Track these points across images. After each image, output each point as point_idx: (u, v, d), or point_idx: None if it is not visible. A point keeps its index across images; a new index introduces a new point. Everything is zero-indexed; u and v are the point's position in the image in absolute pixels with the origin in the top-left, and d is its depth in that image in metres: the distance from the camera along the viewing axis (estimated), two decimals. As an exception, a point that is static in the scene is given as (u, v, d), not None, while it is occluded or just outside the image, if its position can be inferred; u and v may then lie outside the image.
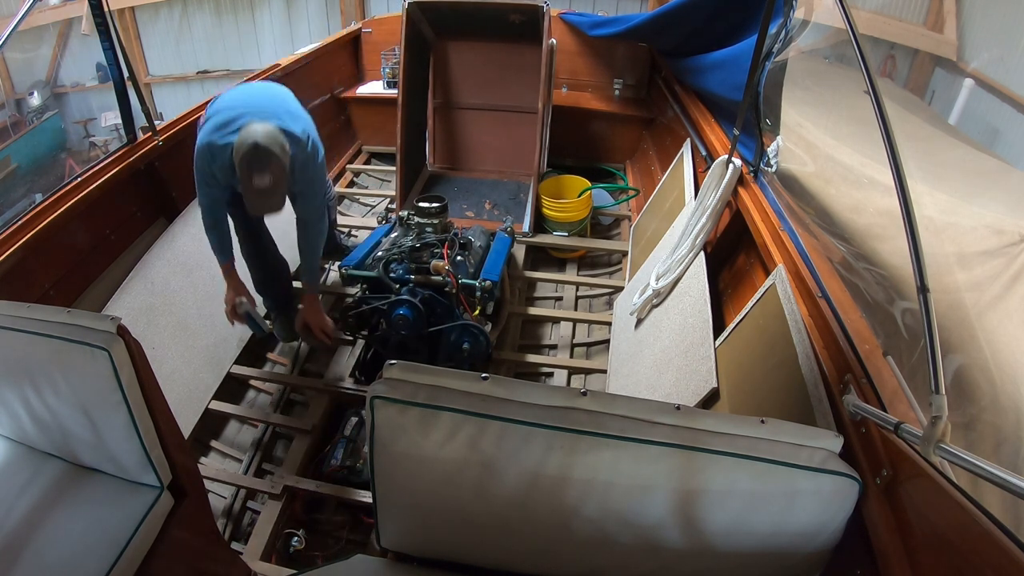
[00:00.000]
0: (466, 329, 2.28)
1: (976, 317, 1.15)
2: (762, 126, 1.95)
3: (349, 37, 4.13)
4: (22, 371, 1.36)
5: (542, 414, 1.02)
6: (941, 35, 2.37)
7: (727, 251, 2.18)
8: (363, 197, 3.83)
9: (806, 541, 1.03)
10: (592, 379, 2.50)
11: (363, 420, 2.21)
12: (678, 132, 3.05)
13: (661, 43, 3.37)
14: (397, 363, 1.09)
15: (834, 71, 1.93)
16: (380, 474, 1.13)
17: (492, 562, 1.24)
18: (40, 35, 6.49)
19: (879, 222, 1.43)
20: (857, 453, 1.09)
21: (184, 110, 2.75)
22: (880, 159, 1.09)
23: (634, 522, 1.04)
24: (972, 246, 1.20)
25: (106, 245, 2.37)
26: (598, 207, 3.46)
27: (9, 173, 5.84)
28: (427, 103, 3.67)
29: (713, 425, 1.01)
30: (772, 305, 1.56)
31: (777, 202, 1.82)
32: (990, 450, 1.07)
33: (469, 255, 2.49)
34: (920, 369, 1.09)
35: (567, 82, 3.90)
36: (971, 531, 0.82)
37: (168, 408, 1.44)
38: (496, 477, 1.04)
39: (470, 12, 3.30)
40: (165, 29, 6.80)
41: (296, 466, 2.09)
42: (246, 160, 1.73)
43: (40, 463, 1.50)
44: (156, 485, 1.44)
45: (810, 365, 1.32)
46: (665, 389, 1.82)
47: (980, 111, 2.07)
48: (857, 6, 1.27)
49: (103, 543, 1.32)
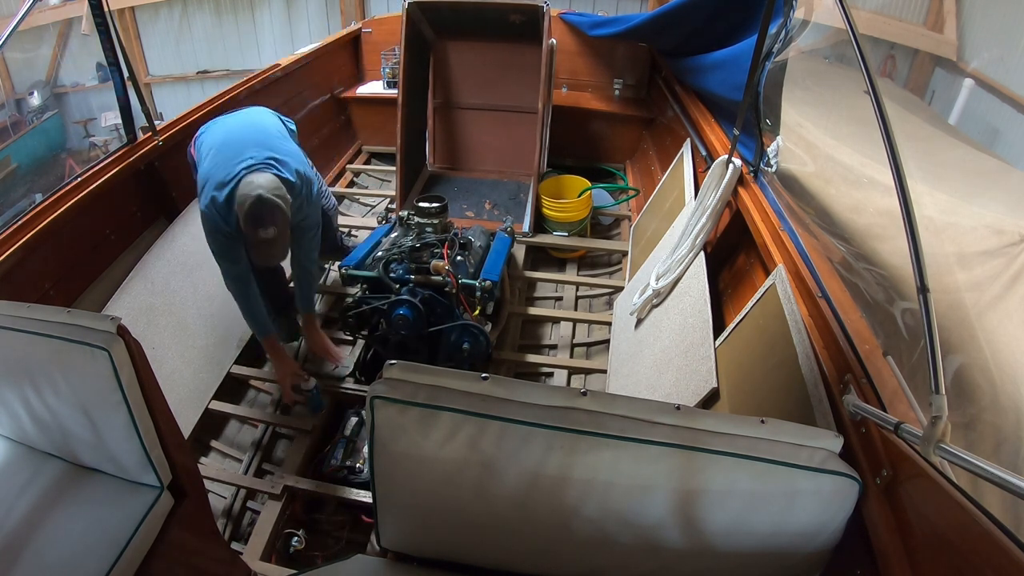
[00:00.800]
0: (466, 329, 2.28)
1: (976, 317, 1.15)
2: (762, 126, 1.95)
3: (349, 37, 4.13)
4: (22, 371, 1.36)
5: (542, 414, 1.02)
6: (941, 35, 2.37)
7: (727, 251, 2.18)
8: (363, 197, 3.83)
9: (806, 541, 1.03)
10: (592, 379, 2.50)
11: (363, 420, 2.21)
12: (678, 132, 3.05)
13: (661, 43, 3.37)
14: (397, 363, 1.09)
15: (834, 71, 1.92)
16: (380, 474, 1.13)
17: (492, 562, 1.24)
18: (40, 35, 6.48)
19: (879, 222, 1.43)
20: (857, 453, 1.09)
21: (184, 110, 2.75)
22: (880, 159, 1.09)
23: (634, 522, 1.04)
24: (972, 246, 1.20)
25: (106, 245, 2.37)
26: (598, 207, 3.46)
27: (9, 173, 5.84)
28: (427, 103, 3.67)
29: (713, 425, 1.01)
30: (772, 305, 1.56)
31: (777, 202, 1.82)
32: (990, 450, 1.07)
33: (469, 255, 2.49)
34: (920, 369, 1.09)
35: (567, 82, 3.90)
36: (971, 531, 0.82)
37: (168, 408, 1.44)
38: (496, 477, 1.04)
39: (470, 12, 3.30)
40: (165, 29, 6.80)
41: (296, 466, 2.09)
42: (250, 216, 1.78)
43: (40, 463, 1.50)
44: (156, 485, 1.44)
45: (810, 365, 1.32)
46: (665, 389, 1.82)
47: (980, 111, 2.07)
48: (857, 6, 1.27)
49: (103, 543, 1.32)
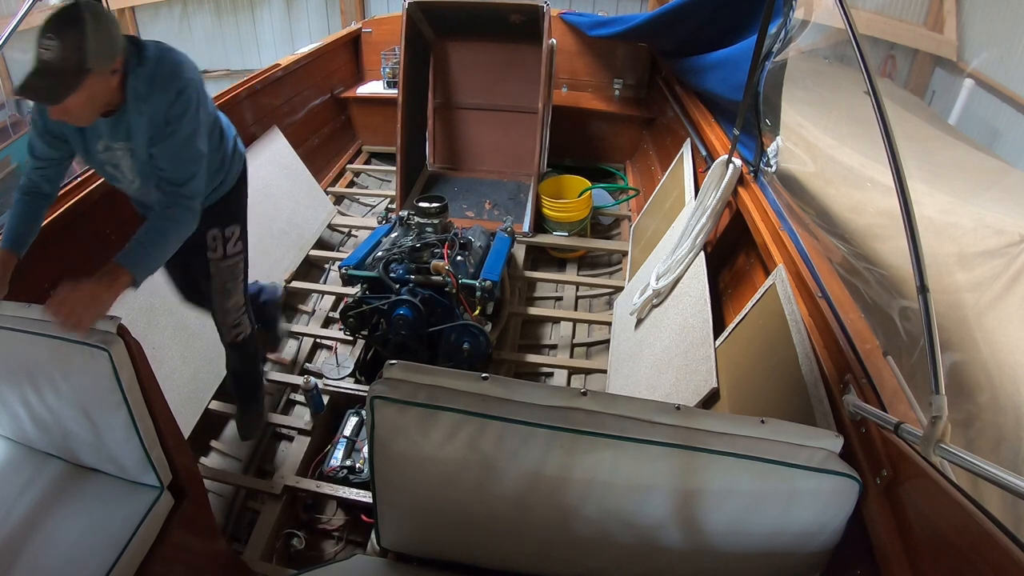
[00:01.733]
0: (466, 329, 2.28)
1: (976, 317, 1.15)
2: (762, 126, 1.95)
3: (349, 37, 4.13)
4: (22, 371, 1.36)
5: (542, 414, 1.02)
6: (941, 35, 2.37)
7: (727, 251, 2.18)
8: (363, 197, 3.83)
9: (806, 541, 1.03)
10: (592, 379, 2.50)
11: (363, 420, 2.21)
12: (678, 132, 3.05)
13: (661, 43, 3.37)
14: (397, 363, 1.09)
15: (834, 71, 1.93)
16: (380, 474, 1.13)
17: (492, 562, 1.24)
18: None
19: (879, 222, 1.44)
20: (857, 453, 1.09)
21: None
22: (880, 159, 1.09)
23: (634, 522, 1.04)
24: (972, 246, 1.20)
25: (106, 245, 2.36)
26: (598, 207, 3.46)
27: (9, 173, 5.84)
28: (427, 103, 3.67)
29: (713, 425, 1.01)
30: (772, 305, 1.56)
31: (777, 202, 1.82)
32: (990, 450, 1.07)
33: (469, 255, 2.49)
34: (920, 369, 1.09)
35: (567, 82, 3.90)
36: (971, 531, 0.82)
37: (168, 408, 1.43)
38: (496, 477, 1.04)
39: (470, 12, 3.30)
40: (165, 29, 6.80)
41: (296, 466, 2.09)
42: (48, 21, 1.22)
43: (40, 463, 1.50)
44: (156, 485, 1.44)
45: (810, 365, 1.32)
46: (665, 389, 1.82)
47: (980, 111, 2.07)
48: (857, 6, 1.27)
49: (103, 543, 1.31)
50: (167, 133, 1.39)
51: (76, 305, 1.20)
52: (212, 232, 1.71)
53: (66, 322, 1.19)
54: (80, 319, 1.20)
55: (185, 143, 1.42)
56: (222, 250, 1.75)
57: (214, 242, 1.72)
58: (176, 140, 1.41)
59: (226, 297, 1.83)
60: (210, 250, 1.74)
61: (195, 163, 1.45)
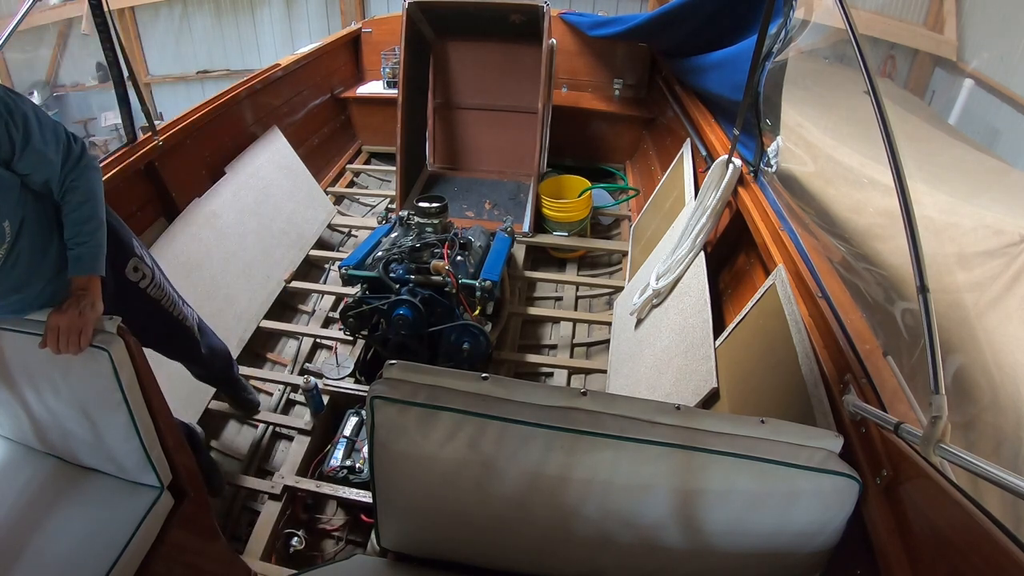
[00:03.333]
0: (466, 329, 2.28)
1: (976, 317, 1.15)
2: (762, 126, 1.95)
3: (349, 37, 4.13)
4: (22, 371, 1.36)
5: (542, 414, 1.02)
6: (941, 35, 2.37)
7: (727, 251, 2.18)
8: (363, 197, 3.83)
9: (806, 541, 1.03)
10: (592, 379, 2.50)
11: (363, 420, 2.21)
12: (678, 132, 3.05)
13: (661, 43, 3.37)
14: (397, 363, 1.09)
15: (834, 71, 1.93)
16: (380, 474, 1.13)
17: (492, 562, 1.24)
18: (40, 35, 6.47)
19: (879, 222, 1.43)
20: (857, 453, 1.09)
21: (184, 110, 2.75)
22: (880, 159, 1.09)
23: (634, 522, 1.04)
24: (972, 246, 1.20)
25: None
26: (598, 207, 3.46)
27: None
28: (427, 103, 3.67)
29: (713, 425, 1.01)
30: (772, 305, 1.56)
31: (777, 202, 1.82)
32: (990, 450, 1.07)
33: (469, 255, 2.49)
34: (920, 369, 1.09)
35: (567, 82, 3.90)
36: (971, 531, 0.82)
37: (168, 408, 1.43)
38: (496, 477, 1.04)
39: (470, 12, 3.30)
40: (165, 29, 6.80)
41: (296, 466, 2.09)
42: None
43: (40, 463, 1.50)
44: (156, 485, 1.44)
45: (810, 365, 1.32)
46: (665, 389, 1.82)
47: (980, 111, 2.07)
48: (857, 6, 1.27)
49: (103, 543, 1.31)
50: (16, 139, 1.22)
51: (70, 333, 1.25)
52: (130, 263, 1.62)
53: (67, 350, 1.25)
54: (79, 341, 1.26)
55: (39, 129, 1.26)
56: (148, 273, 1.67)
57: (136, 272, 1.63)
58: (29, 134, 1.24)
59: (176, 313, 1.80)
60: (141, 281, 1.65)
61: (56, 131, 1.30)
